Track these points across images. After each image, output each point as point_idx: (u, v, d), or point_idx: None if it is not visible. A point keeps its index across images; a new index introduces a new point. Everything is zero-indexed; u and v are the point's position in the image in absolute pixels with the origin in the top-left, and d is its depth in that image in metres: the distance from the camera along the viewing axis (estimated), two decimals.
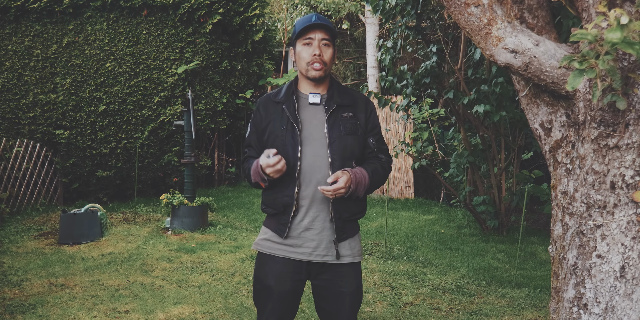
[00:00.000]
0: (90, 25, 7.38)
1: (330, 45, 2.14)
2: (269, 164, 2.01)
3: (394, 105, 6.01)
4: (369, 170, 2.14)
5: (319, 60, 2.11)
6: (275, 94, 2.22)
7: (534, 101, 1.92)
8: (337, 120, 2.12)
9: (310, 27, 2.11)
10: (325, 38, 2.12)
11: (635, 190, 1.63)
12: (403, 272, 4.63)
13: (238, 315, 3.58)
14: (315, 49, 2.11)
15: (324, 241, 2.13)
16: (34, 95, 7.41)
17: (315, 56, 2.10)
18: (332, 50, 2.15)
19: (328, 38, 2.13)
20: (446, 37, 5.98)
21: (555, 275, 1.88)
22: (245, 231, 5.93)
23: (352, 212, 2.15)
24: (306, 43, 2.13)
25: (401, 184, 9.07)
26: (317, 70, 2.11)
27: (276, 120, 2.15)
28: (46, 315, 3.53)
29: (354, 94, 2.22)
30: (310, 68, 2.12)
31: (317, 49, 2.10)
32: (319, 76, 2.13)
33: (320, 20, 2.10)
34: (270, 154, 2.02)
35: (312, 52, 2.11)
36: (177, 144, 7.64)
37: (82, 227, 5.38)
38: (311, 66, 2.12)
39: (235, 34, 7.90)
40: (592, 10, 1.71)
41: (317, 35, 2.12)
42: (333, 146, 2.10)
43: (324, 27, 2.12)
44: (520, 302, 3.98)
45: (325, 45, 2.12)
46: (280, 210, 2.14)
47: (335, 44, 2.18)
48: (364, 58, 12.59)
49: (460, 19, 1.82)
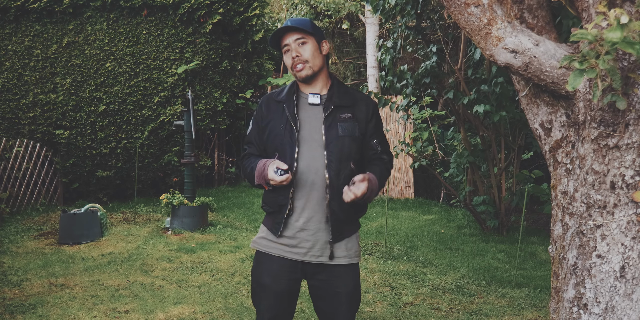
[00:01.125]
0: (90, 25, 7.38)
1: (308, 41, 2.13)
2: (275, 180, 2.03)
3: (393, 105, 6.01)
4: (377, 175, 2.15)
5: (299, 61, 2.11)
6: (277, 93, 2.23)
7: (534, 101, 1.92)
8: (334, 122, 2.12)
9: (279, 33, 2.14)
10: (298, 37, 2.12)
11: (635, 190, 1.63)
12: (403, 272, 4.63)
13: (238, 315, 3.58)
14: (293, 51, 2.12)
15: (319, 242, 2.13)
16: (34, 95, 7.41)
17: (295, 58, 2.12)
18: (312, 45, 2.13)
19: (301, 36, 2.12)
20: (446, 37, 5.98)
21: (555, 275, 1.88)
22: (245, 231, 5.93)
23: (349, 213, 2.15)
24: (285, 50, 2.16)
25: (401, 184, 9.07)
26: (300, 70, 2.12)
27: (276, 119, 2.15)
28: (46, 315, 3.53)
29: (355, 95, 2.21)
30: (295, 72, 2.14)
31: (294, 52, 2.12)
32: (305, 76, 2.13)
33: (290, 23, 2.12)
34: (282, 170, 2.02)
35: (291, 55, 2.13)
36: (177, 144, 7.64)
37: (82, 227, 5.38)
38: (295, 70, 2.13)
39: (235, 34, 7.90)
40: (592, 10, 1.70)
41: (290, 38, 2.13)
42: (330, 147, 2.09)
43: (292, 29, 2.12)
44: (520, 302, 3.98)
45: (301, 44, 2.12)
46: (276, 209, 2.15)
47: (317, 38, 2.15)
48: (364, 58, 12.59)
49: (460, 19, 1.82)
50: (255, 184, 2.15)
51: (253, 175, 2.15)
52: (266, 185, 2.12)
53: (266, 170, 2.07)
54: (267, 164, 2.08)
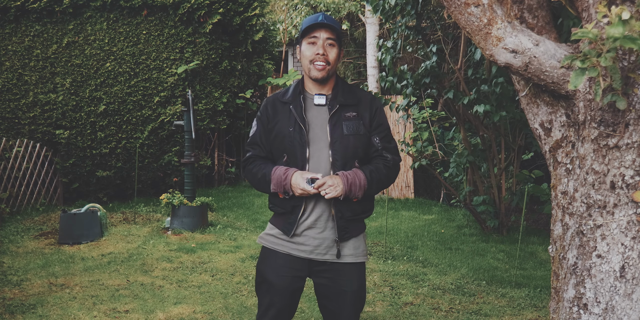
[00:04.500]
0: (90, 25, 7.38)
1: (335, 45, 2.13)
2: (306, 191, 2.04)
3: (394, 105, 6.01)
4: (366, 171, 2.12)
5: (323, 59, 2.10)
6: (282, 93, 2.22)
7: (534, 101, 1.92)
8: (339, 120, 2.12)
9: (315, 26, 2.11)
10: (330, 37, 2.11)
11: (635, 190, 1.63)
12: (403, 272, 4.63)
13: (238, 315, 3.58)
14: (319, 48, 2.10)
15: (327, 240, 2.14)
16: (34, 95, 7.41)
17: (319, 55, 2.10)
18: (337, 51, 2.14)
19: (334, 38, 2.12)
20: (446, 37, 5.98)
21: (555, 275, 1.88)
22: (245, 231, 5.93)
23: (355, 211, 2.15)
24: (311, 42, 2.12)
25: (401, 184, 9.07)
26: (319, 70, 2.10)
27: (284, 120, 2.14)
28: (46, 315, 3.53)
29: (359, 93, 2.21)
30: (312, 67, 2.11)
31: (321, 48, 2.10)
32: (321, 77, 2.12)
33: (326, 20, 2.10)
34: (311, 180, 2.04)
35: (316, 50, 2.10)
36: (177, 144, 7.64)
37: (82, 227, 5.38)
38: (313, 65, 2.11)
39: (235, 34, 7.90)
40: (592, 10, 1.70)
41: (322, 34, 2.11)
42: (335, 146, 2.10)
43: (329, 27, 2.11)
44: (520, 302, 3.98)
45: (330, 45, 2.12)
46: (288, 210, 2.15)
47: (341, 45, 2.16)
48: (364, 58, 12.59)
49: (460, 18, 1.82)
50: (270, 191, 2.13)
51: (266, 182, 2.13)
52: (282, 194, 2.11)
53: (288, 179, 2.06)
54: (289, 173, 2.07)
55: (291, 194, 2.08)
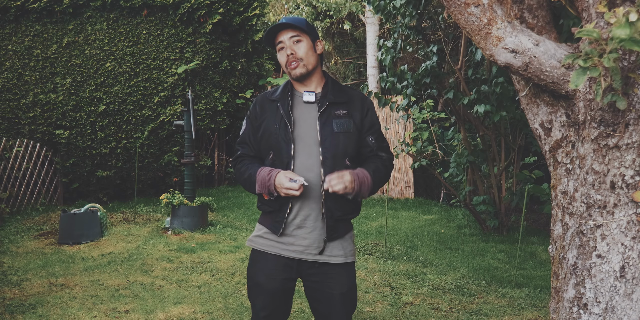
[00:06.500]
0: (90, 25, 7.38)
1: (302, 39, 2.12)
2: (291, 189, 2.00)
3: (394, 105, 6.01)
4: (370, 170, 2.12)
5: (293, 59, 2.10)
6: (271, 92, 2.22)
7: (534, 101, 1.92)
8: (329, 118, 2.11)
9: (274, 29, 2.12)
10: (293, 35, 2.11)
11: (635, 190, 1.63)
12: (403, 272, 4.63)
13: (238, 315, 3.58)
14: (287, 49, 2.11)
15: (317, 240, 2.12)
16: (34, 95, 7.41)
17: (290, 56, 2.10)
18: (306, 44, 2.12)
19: (296, 34, 2.11)
20: (446, 37, 5.98)
21: (555, 275, 1.88)
22: (245, 231, 5.92)
23: (344, 211, 2.14)
24: (280, 48, 2.15)
25: (401, 183, 9.07)
26: (294, 68, 2.11)
27: (270, 118, 2.14)
28: (46, 315, 3.53)
29: (350, 92, 2.20)
30: (289, 69, 2.13)
31: (289, 49, 2.11)
32: (300, 74, 2.12)
33: (284, 20, 2.11)
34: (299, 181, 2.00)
35: (285, 53, 2.12)
36: (177, 143, 7.64)
37: (82, 227, 5.38)
38: (289, 67, 2.12)
39: (235, 34, 7.90)
40: (592, 10, 1.70)
41: (284, 36, 2.12)
42: (325, 144, 2.08)
43: (288, 26, 2.11)
44: (520, 302, 3.98)
45: (296, 42, 2.11)
46: (276, 208, 2.14)
47: (311, 37, 2.15)
48: (364, 58, 12.59)
49: (460, 18, 1.82)
50: (256, 192, 2.13)
51: (252, 182, 2.13)
52: (267, 195, 2.10)
53: (272, 180, 2.05)
54: (273, 174, 2.06)
55: (276, 194, 2.07)
